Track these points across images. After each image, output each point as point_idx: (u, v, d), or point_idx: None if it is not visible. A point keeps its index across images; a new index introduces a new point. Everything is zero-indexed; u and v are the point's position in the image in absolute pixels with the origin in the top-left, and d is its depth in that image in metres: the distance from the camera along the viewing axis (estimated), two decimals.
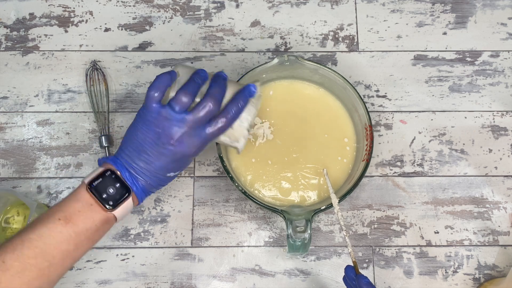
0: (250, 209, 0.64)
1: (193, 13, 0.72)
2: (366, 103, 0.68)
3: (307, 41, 0.71)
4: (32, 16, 0.71)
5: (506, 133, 0.67)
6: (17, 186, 0.65)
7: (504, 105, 0.68)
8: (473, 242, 0.63)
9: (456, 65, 0.70)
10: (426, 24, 0.71)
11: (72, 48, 0.70)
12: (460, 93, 0.69)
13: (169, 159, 0.49)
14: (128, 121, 0.67)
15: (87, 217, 0.47)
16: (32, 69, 0.69)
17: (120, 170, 0.49)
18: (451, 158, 0.66)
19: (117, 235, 0.63)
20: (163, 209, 0.64)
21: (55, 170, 0.65)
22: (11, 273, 0.43)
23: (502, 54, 0.70)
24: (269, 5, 0.72)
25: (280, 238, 0.63)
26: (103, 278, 0.62)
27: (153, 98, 0.49)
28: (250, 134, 0.57)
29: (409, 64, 0.70)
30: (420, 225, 0.64)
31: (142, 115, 0.49)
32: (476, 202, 0.65)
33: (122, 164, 0.49)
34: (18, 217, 0.64)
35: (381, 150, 0.67)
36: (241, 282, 0.62)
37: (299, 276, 0.62)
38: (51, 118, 0.67)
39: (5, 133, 0.67)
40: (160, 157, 0.49)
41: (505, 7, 0.72)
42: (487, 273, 0.62)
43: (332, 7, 0.72)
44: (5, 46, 0.70)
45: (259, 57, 0.70)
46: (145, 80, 0.69)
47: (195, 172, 0.65)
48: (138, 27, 0.71)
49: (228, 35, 0.71)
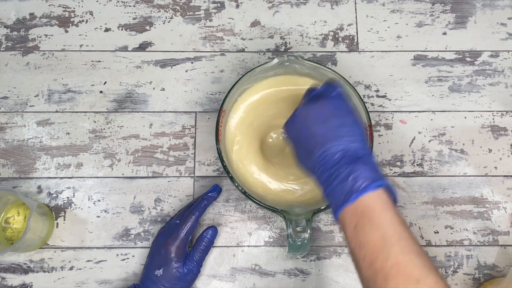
0: (250, 209, 0.64)
1: (193, 13, 0.72)
2: (366, 103, 0.68)
3: (307, 41, 0.71)
4: (32, 16, 0.71)
5: (506, 133, 0.67)
6: (17, 186, 0.65)
7: (504, 105, 0.68)
8: (473, 242, 0.64)
9: (456, 65, 0.70)
10: (426, 24, 0.71)
11: (72, 48, 0.70)
12: (460, 93, 0.69)
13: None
14: (128, 121, 0.67)
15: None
16: (32, 69, 0.69)
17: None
18: (451, 158, 0.66)
19: (117, 235, 0.63)
20: (163, 209, 0.64)
21: (55, 170, 0.65)
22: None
23: (502, 54, 0.70)
24: (269, 5, 0.72)
25: (280, 238, 0.63)
26: (103, 278, 0.62)
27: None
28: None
29: (409, 64, 0.70)
30: (420, 225, 0.64)
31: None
32: (476, 202, 0.65)
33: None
34: (18, 217, 0.64)
35: (381, 150, 0.67)
36: (241, 282, 0.62)
37: (299, 276, 0.62)
38: (51, 118, 0.67)
39: (5, 133, 0.67)
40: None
41: (505, 7, 0.72)
42: (487, 273, 0.62)
43: (332, 7, 0.72)
44: (5, 46, 0.70)
45: (259, 57, 0.70)
46: (145, 80, 0.69)
47: (195, 172, 0.66)
48: (138, 27, 0.71)
49: (228, 35, 0.71)
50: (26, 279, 0.62)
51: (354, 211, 0.42)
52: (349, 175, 0.43)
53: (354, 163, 0.43)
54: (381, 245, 0.40)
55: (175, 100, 0.68)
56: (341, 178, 0.43)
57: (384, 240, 0.40)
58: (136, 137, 0.67)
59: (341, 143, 0.45)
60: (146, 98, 0.68)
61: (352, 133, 0.46)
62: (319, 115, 0.47)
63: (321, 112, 0.47)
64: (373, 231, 0.41)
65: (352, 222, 0.42)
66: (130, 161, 0.66)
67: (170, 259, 0.57)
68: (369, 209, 0.42)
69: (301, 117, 0.49)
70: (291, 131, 0.51)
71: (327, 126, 0.46)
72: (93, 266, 0.62)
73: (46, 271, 0.62)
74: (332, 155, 0.45)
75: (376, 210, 0.42)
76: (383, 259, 0.40)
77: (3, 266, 0.62)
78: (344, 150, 0.45)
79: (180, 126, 0.67)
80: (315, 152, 0.46)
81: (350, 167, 0.43)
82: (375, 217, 0.41)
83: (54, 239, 0.63)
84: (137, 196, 0.65)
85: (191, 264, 0.58)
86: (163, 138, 0.67)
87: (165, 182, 0.65)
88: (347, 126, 0.46)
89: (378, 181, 0.43)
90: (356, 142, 0.45)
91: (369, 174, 0.43)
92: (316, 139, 0.46)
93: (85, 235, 0.63)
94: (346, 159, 0.44)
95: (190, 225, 0.58)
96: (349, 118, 0.47)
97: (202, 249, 0.59)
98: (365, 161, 0.44)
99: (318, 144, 0.46)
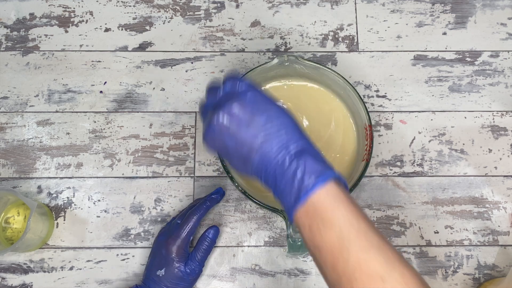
0: (250, 209, 0.64)
1: (193, 13, 0.72)
2: (366, 103, 0.68)
3: (307, 41, 0.71)
4: (32, 16, 0.71)
5: (506, 133, 0.67)
6: (17, 186, 0.65)
7: (504, 105, 0.68)
8: (473, 242, 0.64)
9: (456, 65, 0.70)
10: (426, 24, 0.71)
11: (72, 48, 0.70)
12: (460, 93, 0.69)
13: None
14: (128, 121, 0.67)
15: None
16: (32, 69, 0.69)
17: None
18: (451, 158, 0.66)
19: (117, 235, 0.63)
20: (163, 209, 0.64)
21: (55, 170, 0.65)
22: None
23: (502, 54, 0.70)
24: (269, 5, 0.72)
25: (280, 238, 0.63)
26: (103, 278, 0.62)
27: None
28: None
29: (409, 64, 0.70)
30: (420, 225, 0.64)
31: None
32: (476, 202, 0.65)
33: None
34: (18, 217, 0.64)
35: (381, 150, 0.67)
36: (241, 282, 0.62)
37: (299, 276, 0.62)
38: (51, 118, 0.67)
39: (5, 133, 0.67)
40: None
41: (505, 7, 0.72)
42: (487, 273, 0.62)
43: (332, 7, 0.72)
44: (5, 46, 0.70)
45: (259, 57, 0.70)
46: (145, 80, 0.69)
47: (195, 172, 0.66)
48: (138, 27, 0.71)
49: (228, 35, 0.71)
50: (26, 279, 0.62)
51: (306, 213, 0.39)
52: (295, 173, 0.39)
53: (297, 158, 0.40)
54: (339, 245, 0.37)
55: (175, 100, 0.68)
56: (287, 179, 0.40)
57: (341, 240, 0.37)
58: (136, 137, 0.67)
59: (275, 141, 0.41)
60: (146, 98, 0.68)
61: (283, 125, 0.42)
62: (239, 118, 0.42)
63: (240, 114, 0.42)
64: (328, 231, 0.38)
65: (306, 225, 0.39)
66: (130, 161, 0.66)
67: (172, 259, 0.57)
68: (320, 207, 0.38)
69: (219, 126, 0.43)
70: (214, 145, 0.45)
71: (254, 127, 0.41)
72: (93, 266, 0.62)
73: (46, 271, 0.62)
74: (272, 156, 0.41)
75: (328, 208, 0.38)
76: (343, 260, 0.37)
77: (3, 266, 0.62)
78: (281, 147, 0.41)
79: (180, 126, 0.67)
80: (251, 158, 0.42)
81: (292, 163, 0.40)
82: (328, 215, 0.38)
83: (54, 239, 0.63)
84: (137, 196, 0.65)
85: (193, 264, 0.58)
86: (163, 138, 0.67)
87: (165, 182, 0.65)
88: (273, 119, 0.42)
89: (324, 174, 0.39)
90: (289, 133, 0.41)
91: (315, 166, 0.39)
92: (247, 145, 0.42)
93: (85, 235, 0.63)
94: (286, 156, 0.40)
95: (191, 225, 0.58)
96: (271, 110, 0.43)
97: (204, 249, 0.59)
98: (308, 152, 0.40)
99: (253, 150, 0.41)
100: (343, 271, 0.37)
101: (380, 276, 0.36)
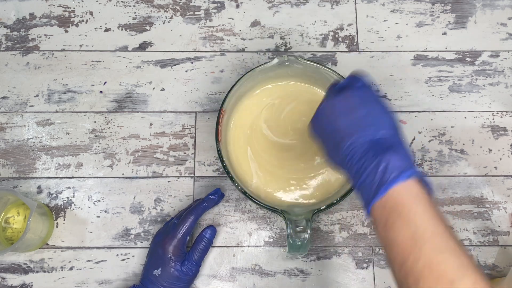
0: (250, 209, 0.64)
1: (193, 13, 0.72)
2: None
3: (307, 41, 0.71)
4: (32, 16, 0.71)
5: (506, 133, 0.67)
6: (17, 186, 0.65)
7: (504, 105, 0.68)
8: (473, 242, 0.63)
9: (456, 65, 0.70)
10: (426, 24, 0.71)
11: (72, 48, 0.70)
12: (460, 93, 0.69)
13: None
14: (128, 121, 0.67)
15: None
16: (32, 69, 0.69)
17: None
18: (451, 158, 0.66)
19: (117, 235, 0.63)
20: (163, 209, 0.64)
21: (55, 170, 0.65)
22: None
23: (502, 54, 0.70)
24: (269, 5, 0.72)
25: (280, 238, 0.63)
26: (103, 278, 0.62)
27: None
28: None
29: (409, 64, 0.70)
30: None
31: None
32: (476, 202, 0.65)
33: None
34: (18, 217, 0.64)
35: None
36: (241, 282, 0.62)
37: (299, 276, 0.62)
38: (51, 118, 0.67)
39: (5, 133, 0.67)
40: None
41: (505, 7, 0.72)
42: (487, 273, 0.62)
43: (332, 7, 0.72)
44: (5, 46, 0.70)
45: (259, 57, 0.70)
46: (145, 80, 0.69)
47: (195, 172, 0.66)
48: (138, 27, 0.71)
49: (228, 35, 0.71)
50: (26, 279, 0.62)
51: (383, 207, 0.39)
52: (378, 166, 0.40)
53: (383, 153, 0.41)
54: (412, 243, 0.37)
55: (175, 100, 0.68)
56: (369, 171, 0.40)
57: (415, 238, 0.37)
58: (136, 137, 0.67)
59: (368, 133, 0.42)
60: (146, 98, 0.68)
61: (380, 122, 0.44)
62: (344, 107, 0.45)
63: (346, 104, 0.45)
64: (404, 228, 0.38)
65: (382, 219, 0.39)
66: (130, 161, 0.66)
67: (168, 258, 0.57)
68: (399, 203, 0.38)
69: (326, 111, 0.47)
70: (317, 127, 0.49)
71: (353, 117, 0.44)
72: (93, 266, 0.62)
73: (46, 271, 0.62)
74: (359, 146, 0.42)
75: (407, 204, 0.38)
76: (413, 259, 0.37)
77: (3, 266, 0.62)
78: (371, 141, 0.42)
79: (180, 126, 0.67)
80: (342, 145, 0.43)
81: (378, 157, 0.40)
82: (405, 211, 0.38)
83: (54, 239, 0.63)
84: (137, 196, 0.65)
85: (190, 264, 0.58)
86: (163, 138, 0.67)
87: (165, 182, 0.65)
88: (373, 115, 0.44)
89: (408, 171, 0.39)
90: (384, 130, 0.43)
91: (399, 163, 0.40)
92: (342, 132, 0.44)
93: (85, 235, 0.63)
94: (375, 149, 0.41)
95: (188, 225, 0.58)
96: (375, 107, 0.45)
97: (201, 249, 0.59)
98: (395, 149, 0.41)
99: (345, 137, 0.43)
100: (411, 269, 0.37)
101: (450, 280, 0.35)
